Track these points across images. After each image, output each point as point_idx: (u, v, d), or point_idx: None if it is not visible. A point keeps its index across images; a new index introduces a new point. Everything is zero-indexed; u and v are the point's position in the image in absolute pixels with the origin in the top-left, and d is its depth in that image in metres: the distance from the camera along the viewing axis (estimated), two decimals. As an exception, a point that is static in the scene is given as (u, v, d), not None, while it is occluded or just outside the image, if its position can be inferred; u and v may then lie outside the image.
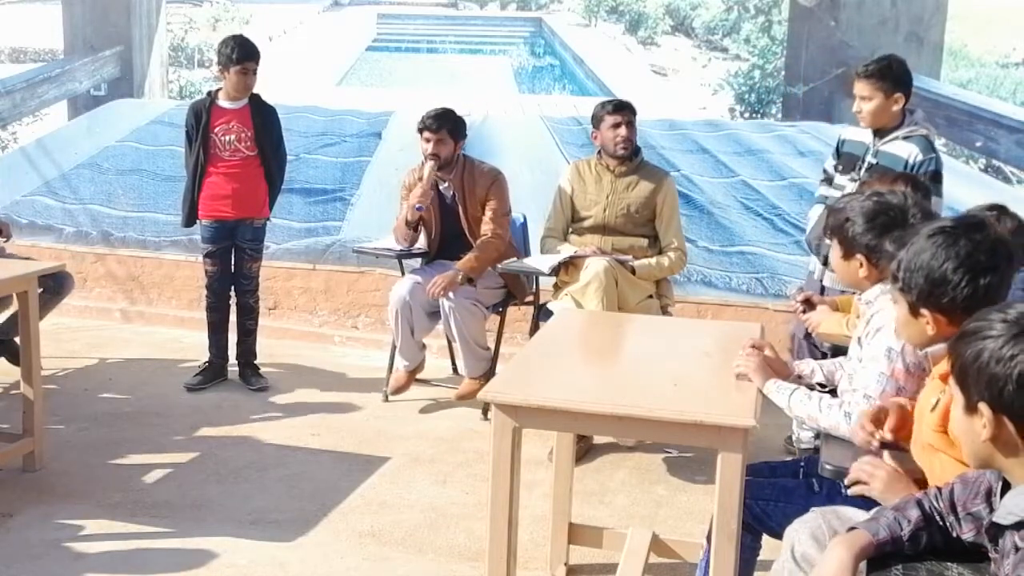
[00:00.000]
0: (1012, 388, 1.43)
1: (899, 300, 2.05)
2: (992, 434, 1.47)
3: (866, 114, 3.74)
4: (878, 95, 3.70)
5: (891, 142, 3.74)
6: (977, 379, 1.47)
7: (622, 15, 5.68)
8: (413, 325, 4.47)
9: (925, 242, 1.97)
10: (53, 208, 6.36)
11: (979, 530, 1.67)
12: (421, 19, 6.14)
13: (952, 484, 1.75)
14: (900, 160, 3.68)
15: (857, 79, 3.74)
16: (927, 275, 1.95)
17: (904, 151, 3.70)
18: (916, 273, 1.97)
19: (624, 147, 4.22)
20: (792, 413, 2.39)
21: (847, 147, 3.93)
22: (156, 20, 6.21)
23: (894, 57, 3.80)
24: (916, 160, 3.67)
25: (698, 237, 5.23)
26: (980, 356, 1.47)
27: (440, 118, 4.47)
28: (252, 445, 4.11)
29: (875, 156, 3.78)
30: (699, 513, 3.46)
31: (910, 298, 2.00)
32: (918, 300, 1.99)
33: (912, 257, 1.98)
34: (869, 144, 3.82)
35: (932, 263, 1.95)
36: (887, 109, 3.72)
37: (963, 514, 1.71)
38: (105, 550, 3.18)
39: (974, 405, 1.49)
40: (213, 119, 4.67)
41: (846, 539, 1.72)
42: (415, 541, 3.30)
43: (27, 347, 3.78)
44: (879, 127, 3.77)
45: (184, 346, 5.55)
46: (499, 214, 4.52)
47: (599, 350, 2.98)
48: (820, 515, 2.05)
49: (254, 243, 4.85)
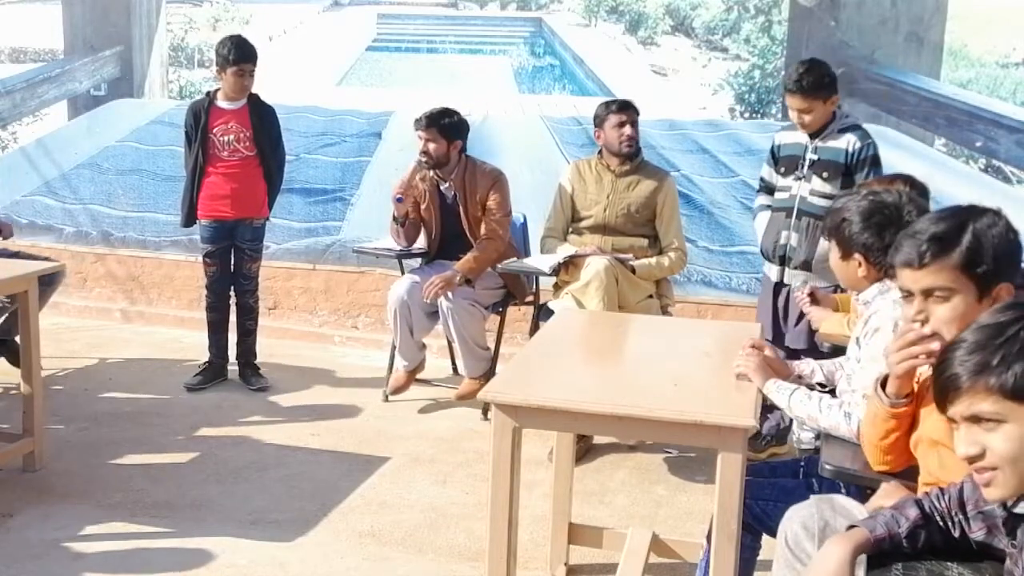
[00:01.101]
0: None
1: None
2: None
3: (810, 123, 3.81)
4: (817, 104, 3.77)
5: (828, 137, 3.84)
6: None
7: (622, 15, 5.68)
8: (412, 325, 4.47)
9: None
10: (53, 208, 6.36)
11: (990, 528, 1.67)
12: (421, 19, 6.14)
13: (961, 483, 1.75)
14: (840, 151, 3.80)
15: (791, 95, 3.77)
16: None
17: (842, 142, 3.81)
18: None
19: (628, 145, 4.24)
20: (792, 413, 2.39)
21: (784, 150, 3.99)
22: (156, 20, 6.21)
23: (815, 61, 3.85)
24: (855, 148, 3.79)
25: (698, 237, 5.23)
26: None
27: (430, 117, 4.47)
28: (252, 445, 4.11)
29: (815, 152, 3.86)
30: (699, 513, 3.46)
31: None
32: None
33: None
34: (806, 143, 3.89)
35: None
36: (827, 113, 3.82)
37: (973, 512, 1.70)
38: (105, 550, 3.17)
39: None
40: (212, 119, 4.66)
41: (844, 536, 1.72)
42: (415, 541, 3.30)
43: (27, 347, 3.78)
44: (818, 130, 3.84)
45: (184, 346, 5.55)
46: (500, 214, 4.52)
47: (599, 350, 2.98)
48: (814, 504, 2.06)
49: (253, 243, 4.85)
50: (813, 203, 3.84)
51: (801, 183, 3.87)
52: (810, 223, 3.85)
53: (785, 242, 3.91)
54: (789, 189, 3.92)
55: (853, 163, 3.79)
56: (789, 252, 3.91)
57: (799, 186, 3.88)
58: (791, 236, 3.90)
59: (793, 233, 3.89)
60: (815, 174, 3.84)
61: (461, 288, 4.36)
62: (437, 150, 4.44)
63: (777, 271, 3.97)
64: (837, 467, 2.17)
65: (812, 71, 3.79)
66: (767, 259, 4.04)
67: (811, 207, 3.84)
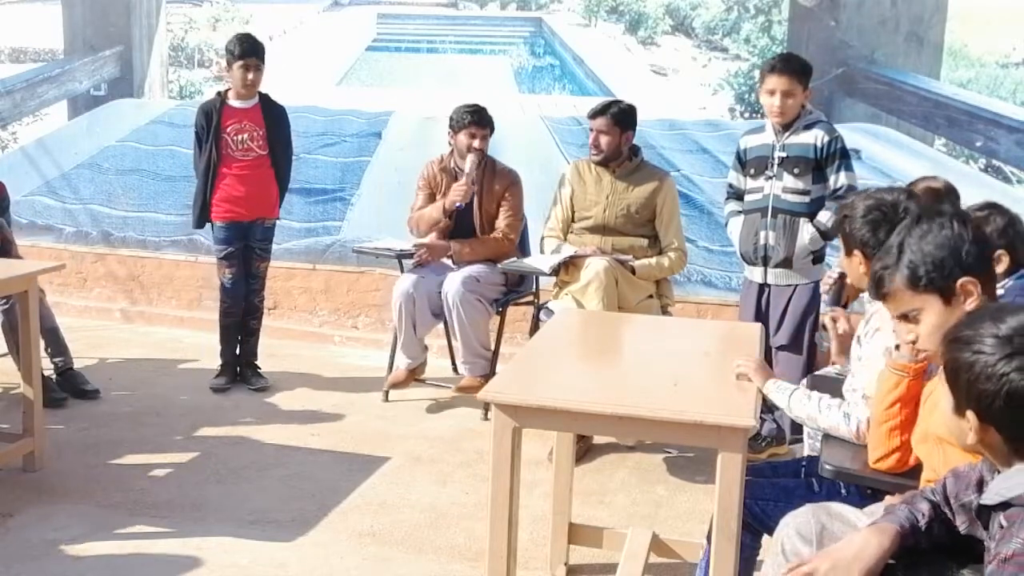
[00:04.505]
0: (1000, 404, 1.50)
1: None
2: (978, 439, 1.56)
3: (788, 108, 3.81)
4: (798, 89, 3.80)
5: (794, 133, 3.85)
6: (968, 390, 1.54)
7: (622, 15, 5.68)
8: (416, 320, 4.47)
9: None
10: (53, 208, 6.36)
11: (971, 521, 1.70)
12: (421, 19, 6.14)
13: (944, 478, 1.78)
14: (808, 146, 3.83)
15: (778, 75, 3.78)
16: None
17: (810, 137, 3.84)
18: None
19: (594, 152, 4.24)
20: (792, 413, 2.39)
21: (751, 153, 3.99)
22: (156, 20, 6.21)
23: (792, 53, 3.95)
24: (824, 142, 3.82)
25: (698, 237, 5.23)
26: (972, 368, 1.53)
27: (484, 113, 4.52)
28: (252, 445, 4.11)
29: (783, 150, 3.87)
30: (699, 513, 3.46)
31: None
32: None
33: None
34: (772, 142, 3.90)
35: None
36: (802, 102, 3.84)
37: (956, 506, 1.73)
38: (105, 550, 3.17)
39: (963, 411, 1.57)
40: (224, 119, 4.65)
41: (879, 527, 1.74)
42: (415, 541, 3.30)
43: (27, 347, 3.78)
44: (789, 121, 3.85)
45: (184, 346, 5.55)
46: (514, 217, 4.57)
47: (599, 350, 2.98)
48: (811, 511, 2.06)
49: (264, 243, 4.85)
50: (787, 200, 3.87)
51: (772, 182, 3.89)
52: (786, 220, 3.87)
53: (764, 242, 3.92)
54: (761, 190, 3.93)
55: (823, 157, 3.82)
56: (769, 252, 3.92)
57: (771, 185, 3.89)
58: (768, 235, 3.91)
59: (770, 232, 3.90)
60: (786, 171, 3.86)
61: (467, 280, 4.36)
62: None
63: (760, 272, 3.98)
64: (837, 467, 2.17)
65: (792, 56, 3.89)
66: (748, 262, 4.04)
67: (785, 204, 3.87)
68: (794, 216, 3.87)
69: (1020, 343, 1.50)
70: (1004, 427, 1.52)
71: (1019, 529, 1.45)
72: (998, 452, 1.56)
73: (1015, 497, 1.50)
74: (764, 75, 3.85)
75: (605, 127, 4.19)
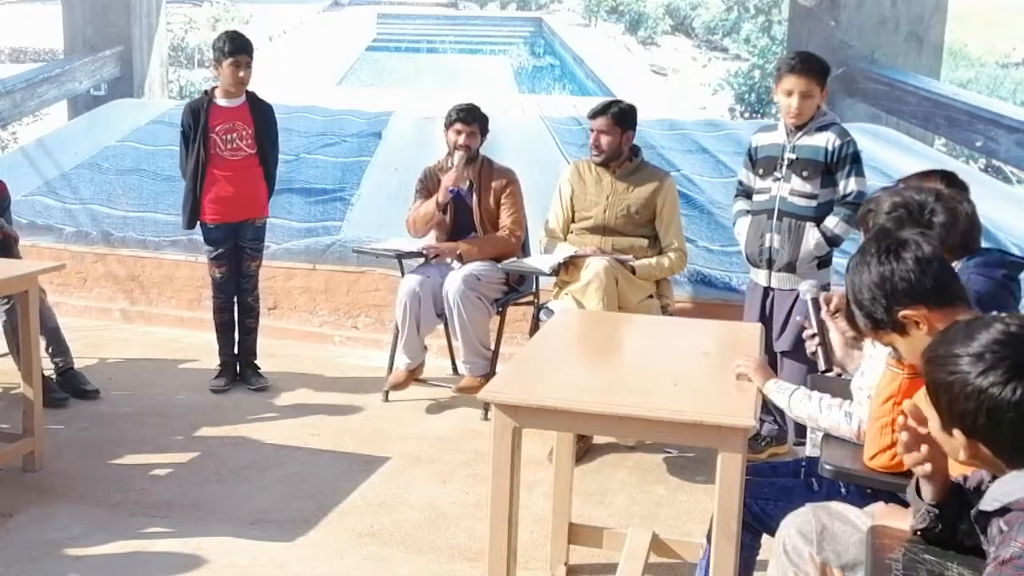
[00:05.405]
0: (983, 420, 1.51)
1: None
2: (969, 455, 1.56)
3: (806, 109, 3.75)
4: (816, 89, 3.74)
5: (806, 135, 3.79)
6: (950, 410, 1.55)
7: (622, 15, 5.68)
8: (420, 319, 4.48)
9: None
10: (53, 208, 6.36)
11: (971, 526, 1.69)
12: (421, 19, 6.14)
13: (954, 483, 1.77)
14: (819, 149, 3.77)
15: (798, 75, 3.70)
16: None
17: (821, 140, 3.77)
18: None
19: (595, 153, 4.25)
20: (792, 413, 2.39)
21: (762, 152, 3.94)
22: (156, 20, 6.21)
23: (811, 53, 3.87)
24: (835, 145, 3.75)
25: (698, 237, 5.23)
26: (952, 388, 1.54)
27: (473, 111, 4.55)
28: (252, 445, 4.11)
29: (793, 151, 3.82)
30: (699, 513, 3.46)
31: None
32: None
33: None
34: (783, 143, 3.84)
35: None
36: (818, 103, 3.78)
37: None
38: (105, 550, 3.17)
39: (949, 429, 1.57)
40: (212, 118, 4.64)
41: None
42: (415, 541, 3.30)
43: (27, 347, 3.78)
44: (804, 122, 3.79)
45: (184, 346, 5.55)
46: (517, 214, 4.61)
47: (599, 350, 2.98)
48: (811, 511, 2.07)
49: (255, 242, 4.85)
50: (793, 203, 3.81)
51: (780, 183, 3.82)
52: (792, 223, 3.81)
53: (769, 244, 3.87)
54: (769, 191, 3.87)
55: (833, 161, 3.76)
56: (774, 255, 3.87)
57: (778, 187, 3.83)
58: (773, 238, 3.85)
59: (775, 235, 3.84)
60: (794, 173, 3.79)
61: (468, 278, 4.37)
62: (476, 144, 4.39)
63: (765, 275, 3.93)
64: (837, 467, 2.17)
65: (810, 56, 3.79)
66: (754, 265, 3.98)
67: (792, 207, 3.81)
68: (800, 220, 3.80)
69: (992, 358, 1.50)
70: (991, 442, 1.52)
71: (1018, 533, 1.46)
72: (992, 464, 1.57)
73: (1013, 502, 1.50)
74: (782, 74, 3.75)
75: (605, 127, 4.20)
